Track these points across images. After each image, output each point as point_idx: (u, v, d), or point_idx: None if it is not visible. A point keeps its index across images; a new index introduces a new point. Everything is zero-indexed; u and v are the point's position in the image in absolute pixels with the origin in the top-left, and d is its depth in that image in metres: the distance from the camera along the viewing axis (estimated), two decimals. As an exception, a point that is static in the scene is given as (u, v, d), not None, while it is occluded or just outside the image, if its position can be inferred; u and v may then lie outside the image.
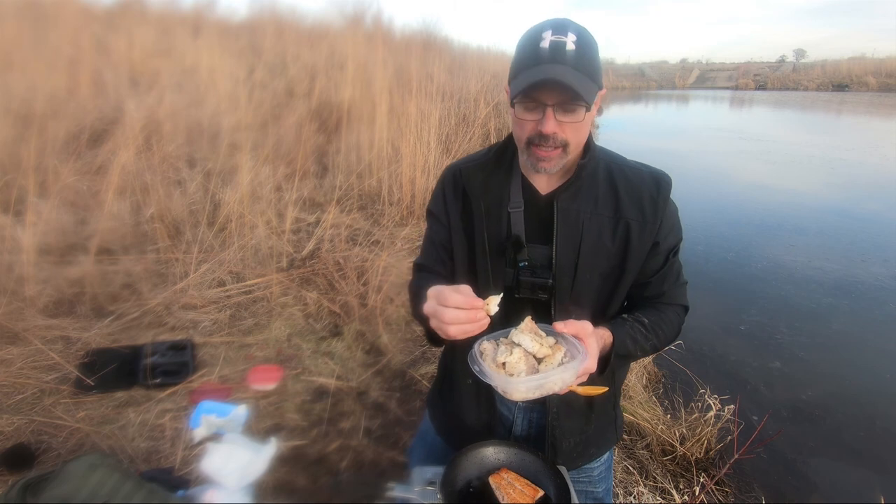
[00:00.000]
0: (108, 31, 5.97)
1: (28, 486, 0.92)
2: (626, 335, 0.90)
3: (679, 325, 1.00)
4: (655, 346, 0.95)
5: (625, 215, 0.91)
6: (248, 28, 8.04)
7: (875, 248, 5.30)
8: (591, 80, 0.82)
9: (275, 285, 3.08)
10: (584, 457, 1.08)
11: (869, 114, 20.60)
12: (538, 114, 0.83)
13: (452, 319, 0.75)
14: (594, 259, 0.92)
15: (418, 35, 9.41)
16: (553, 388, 0.74)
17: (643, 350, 0.94)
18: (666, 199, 0.92)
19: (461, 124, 6.07)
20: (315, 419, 2.24)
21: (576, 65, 0.80)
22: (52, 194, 3.19)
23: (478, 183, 0.97)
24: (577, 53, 0.80)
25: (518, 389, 0.73)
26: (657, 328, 0.94)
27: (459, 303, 0.75)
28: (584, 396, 0.98)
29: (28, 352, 2.37)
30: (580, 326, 0.79)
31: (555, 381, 0.74)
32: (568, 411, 1.01)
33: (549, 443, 1.02)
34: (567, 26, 0.82)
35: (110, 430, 2.02)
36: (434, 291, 0.79)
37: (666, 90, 41.94)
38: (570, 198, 0.91)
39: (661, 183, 0.93)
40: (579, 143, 0.87)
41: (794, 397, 2.97)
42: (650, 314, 0.95)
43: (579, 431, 1.04)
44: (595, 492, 1.13)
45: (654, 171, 0.96)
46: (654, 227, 0.91)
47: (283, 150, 4.67)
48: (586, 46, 0.82)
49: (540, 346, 0.77)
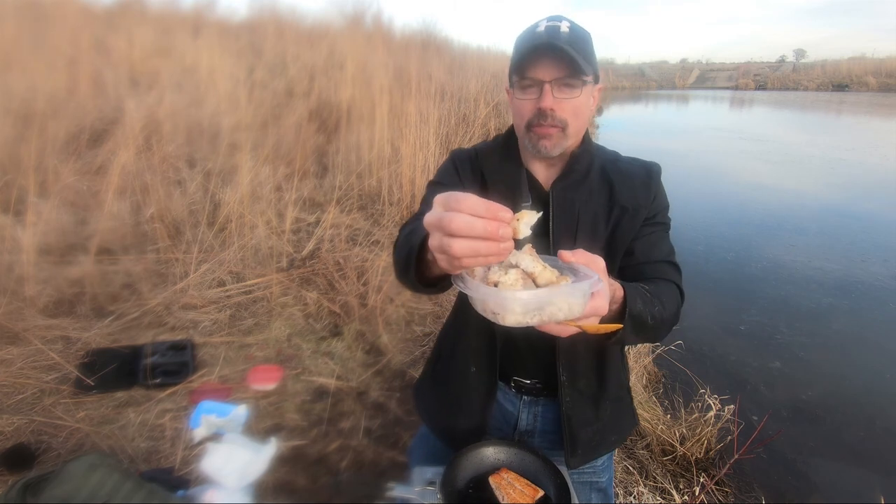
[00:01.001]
0: (108, 31, 5.96)
1: (28, 486, 0.92)
2: (636, 292, 0.79)
3: (677, 302, 0.91)
4: (660, 316, 0.83)
5: (619, 201, 0.94)
6: (248, 28, 8.03)
7: (875, 248, 5.30)
8: (587, 61, 0.85)
9: (275, 285, 3.08)
10: (603, 445, 1.05)
11: (869, 114, 20.59)
12: (535, 93, 0.86)
13: (463, 229, 0.50)
14: (591, 247, 0.90)
15: (418, 35, 9.42)
16: (557, 314, 0.58)
17: (651, 317, 0.81)
18: (658, 184, 0.97)
19: (461, 124, 6.08)
20: (315, 419, 2.24)
21: (571, 45, 0.84)
22: (52, 194, 3.19)
23: (494, 167, 0.98)
24: (571, 36, 0.85)
25: (514, 309, 0.57)
26: (660, 297, 0.86)
27: (477, 209, 0.51)
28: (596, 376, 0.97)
29: (28, 352, 2.37)
30: (591, 258, 0.64)
31: (560, 304, 0.58)
32: (581, 398, 0.99)
33: (567, 436, 0.99)
34: (561, 17, 0.88)
35: (110, 430, 2.02)
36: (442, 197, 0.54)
37: (666, 90, 41.93)
38: (565, 187, 0.94)
39: (652, 171, 0.98)
40: (577, 128, 0.89)
41: (794, 397, 2.97)
42: (649, 285, 0.87)
43: (595, 419, 1.01)
44: (599, 482, 1.11)
45: (644, 161, 1.00)
46: (646, 210, 0.95)
47: (283, 150, 4.66)
48: (581, 33, 0.87)
49: (543, 269, 0.62)
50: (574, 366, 0.98)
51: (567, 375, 0.97)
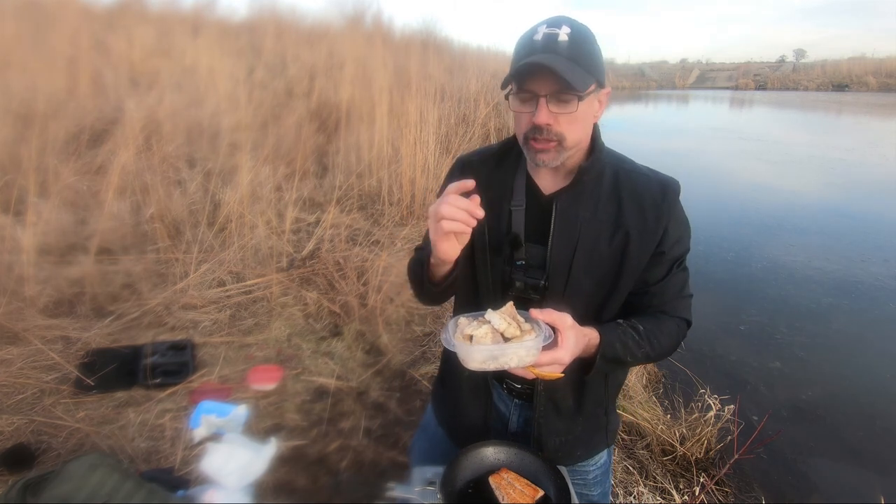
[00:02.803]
0: (108, 31, 5.97)
1: (28, 486, 0.92)
2: (617, 338, 0.87)
3: (678, 337, 0.97)
4: (649, 354, 0.92)
5: (625, 223, 0.89)
6: (248, 28, 8.04)
7: (875, 248, 5.30)
8: (587, 70, 0.82)
9: (275, 285, 3.08)
10: (570, 457, 1.07)
11: (869, 114, 20.59)
12: (532, 106, 0.84)
13: (447, 200, 0.78)
14: (589, 264, 0.90)
15: (418, 35, 9.42)
16: (509, 362, 0.76)
17: (634, 357, 0.90)
18: (672, 207, 0.90)
19: (461, 124, 6.08)
20: (315, 419, 2.24)
21: (569, 55, 0.80)
22: (52, 194, 3.19)
23: (482, 177, 0.96)
24: (570, 44, 0.81)
25: (474, 358, 0.76)
26: (652, 337, 0.91)
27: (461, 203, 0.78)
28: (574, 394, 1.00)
29: (28, 352, 2.37)
30: (557, 316, 0.78)
31: (510, 355, 0.75)
32: (555, 410, 1.01)
33: (534, 438, 1.02)
34: (561, 21, 0.83)
35: (110, 430, 2.02)
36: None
37: (666, 90, 41.93)
38: (570, 200, 0.91)
39: (668, 190, 0.90)
40: (576, 139, 0.86)
41: (794, 397, 2.97)
42: (647, 322, 0.92)
43: (565, 432, 1.03)
44: (590, 494, 1.11)
45: (662, 177, 0.93)
46: (655, 236, 0.89)
47: (283, 150, 4.67)
48: (581, 39, 0.82)
49: (508, 326, 0.78)
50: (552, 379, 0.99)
51: (544, 385, 0.99)
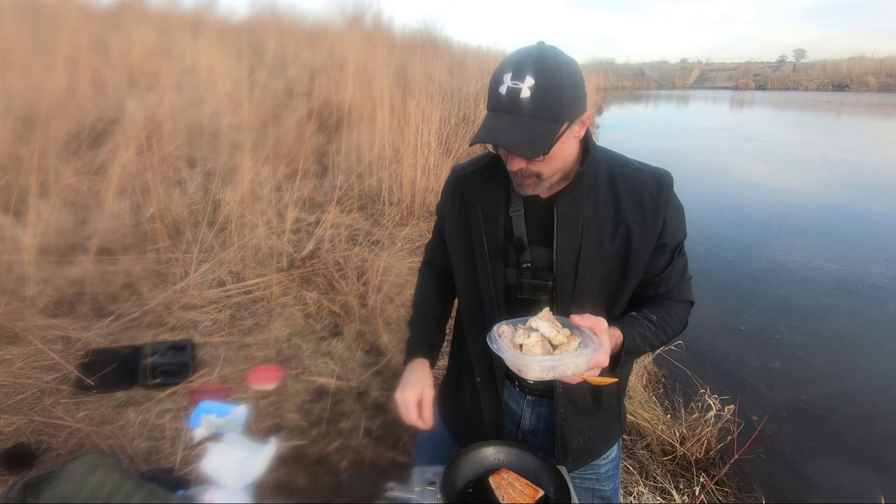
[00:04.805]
0: (108, 31, 5.96)
1: (28, 486, 0.92)
2: (636, 332, 0.91)
3: (685, 319, 1.02)
4: (664, 340, 0.97)
5: (625, 218, 0.91)
6: (248, 28, 8.03)
7: (875, 248, 5.30)
8: (553, 119, 0.81)
9: (275, 285, 3.08)
10: (593, 453, 1.10)
11: (869, 114, 20.58)
12: (504, 151, 0.86)
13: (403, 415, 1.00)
14: (594, 262, 0.92)
15: (418, 35, 9.42)
16: (566, 371, 0.77)
17: (651, 346, 0.96)
18: (668, 199, 0.92)
19: (461, 124, 6.08)
20: (315, 419, 2.24)
21: (532, 112, 0.79)
22: (52, 194, 3.19)
23: (475, 189, 1.00)
24: (532, 99, 0.79)
25: (533, 368, 0.77)
26: (665, 324, 0.96)
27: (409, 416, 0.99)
28: (591, 390, 1.01)
29: (28, 352, 2.37)
30: (596, 321, 0.81)
31: (568, 364, 0.77)
32: (575, 409, 1.03)
33: (558, 443, 1.03)
34: (525, 70, 0.79)
35: (110, 430, 2.02)
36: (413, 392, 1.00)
37: (666, 90, 41.94)
38: (569, 202, 0.92)
39: (662, 183, 0.93)
40: (555, 170, 0.88)
41: (794, 397, 2.97)
42: (658, 310, 0.96)
43: (587, 429, 1.05)
44: (602, 490, 1.13)
45: (655, 170, 0.95)
46: (655, 229, 0.91)
47: (283, 150, 4.66)
48: (546, 86, 0.79)
49: (556, 333, 0.80)
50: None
51: (563, 386, 1.00)
